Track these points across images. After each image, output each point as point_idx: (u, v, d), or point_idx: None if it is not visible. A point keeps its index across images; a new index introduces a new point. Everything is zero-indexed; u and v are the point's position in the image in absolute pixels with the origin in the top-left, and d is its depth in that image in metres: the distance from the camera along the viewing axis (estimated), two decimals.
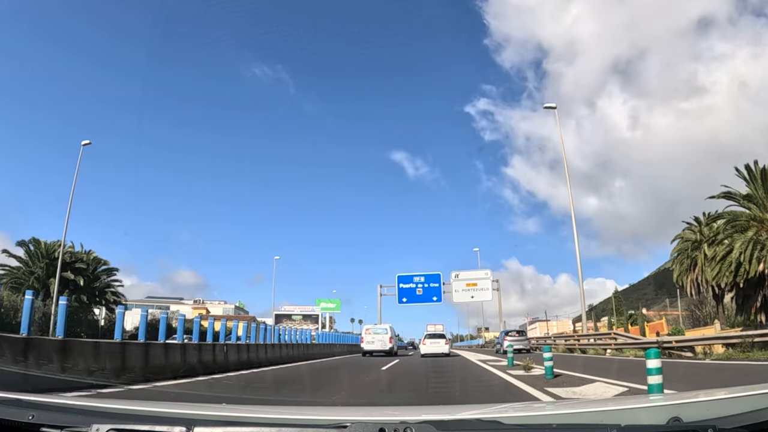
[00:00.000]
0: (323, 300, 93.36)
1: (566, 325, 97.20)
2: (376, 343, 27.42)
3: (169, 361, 12.18)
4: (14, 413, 1.69)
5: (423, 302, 52.02)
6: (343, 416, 1.65)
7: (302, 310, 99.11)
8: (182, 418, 1.71)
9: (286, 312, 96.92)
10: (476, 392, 9.00)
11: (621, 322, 65.91)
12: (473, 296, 52.02)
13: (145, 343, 12.03)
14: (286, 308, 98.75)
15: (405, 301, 51.59)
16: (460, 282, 51.65)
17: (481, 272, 52.93)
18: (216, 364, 14.26)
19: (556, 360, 11.61)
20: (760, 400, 1.47)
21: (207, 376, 12.30)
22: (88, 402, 2.03)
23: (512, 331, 32.24)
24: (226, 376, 12.72)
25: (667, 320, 53.26)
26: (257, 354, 18.28)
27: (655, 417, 1.51)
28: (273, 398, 8.68)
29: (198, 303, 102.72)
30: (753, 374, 10.26)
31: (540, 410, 2.13)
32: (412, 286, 51.72)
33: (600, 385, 8.69)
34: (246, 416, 1.85)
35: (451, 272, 52.59)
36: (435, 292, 51.48)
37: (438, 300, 51.82)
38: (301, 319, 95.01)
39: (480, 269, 54.11)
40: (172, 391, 9.02)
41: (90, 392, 7.74)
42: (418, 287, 51.47)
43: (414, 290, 51.62)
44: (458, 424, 1.68)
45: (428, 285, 51.32)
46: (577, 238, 30.19)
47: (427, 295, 51.43)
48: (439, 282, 51.64)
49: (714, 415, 1.45)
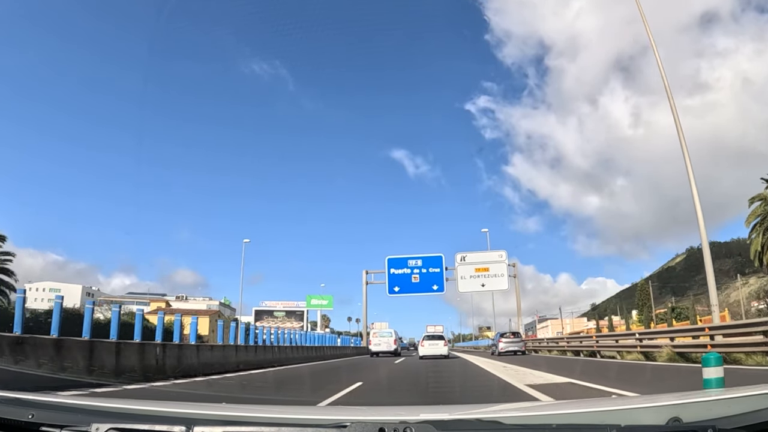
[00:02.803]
0: (314, 296, 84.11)
1: (580, 323, 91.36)
2: (382, 345, 30.80)
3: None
4: (14, 412, 1.69)
5: (420, 292, 41.51)
6: (342, 416, 1.65)
7: (285, 306, 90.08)
8: (182, 418, 1.71)
9: (267, 308, 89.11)
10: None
11: (646, 317, 60.82)
12: (484, 284, 41.13)
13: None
14: (267, 304, 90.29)
15: (397, 290, 41.25)
16: (468, 267, 41.19)
17: (494, 254, 41.83)
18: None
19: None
20: (760, 400, 1.46)
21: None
22: (88, 401, 2.03)
23: (507, 333, 31.83)
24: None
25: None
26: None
27: (655, 417, 1.51)
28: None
29: (181, 299, 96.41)
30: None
31: (540, 410, 2.13)
32: (406, 272, 41.21)
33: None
34: (246, 416, 1.85)
35: (456, 254, 41.94)
36: (435, 279, 41.08)
37: (439, 289, 41.21)
38: (284, 317, 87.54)
39: (492, 250, 42.55)
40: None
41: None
42: (414, 273, 41.04)
43: (409, 277, 41.13)
44: (458, 424, 1.68)
45: (427, 270, 41.01)
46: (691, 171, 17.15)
47: (425, 283, 41.10)
48: (440, 266, 41.16)
49: (714, 415, 1.45)
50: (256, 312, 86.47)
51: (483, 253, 42.08)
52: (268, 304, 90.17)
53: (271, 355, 19.81)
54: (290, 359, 21.64)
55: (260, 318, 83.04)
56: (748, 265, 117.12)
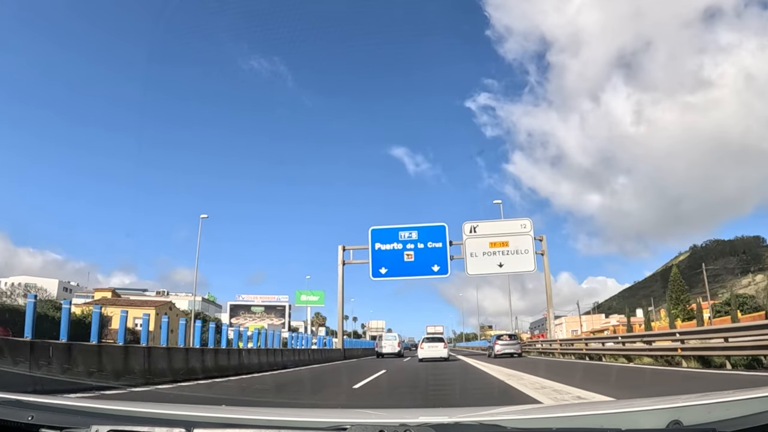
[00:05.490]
0: (303, 292, 73.13)
1: (597, 320, 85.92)
2: (387, 347, 34.50)
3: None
4: (14, 414, 1.70)
5: (416, 275, 31.26)
6: (342, 418, 1.65)
7: (264, 300, 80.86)
8: (181, 420, 1.72)
9: (244, 302, 79.94)
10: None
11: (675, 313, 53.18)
12: (502, 264, 30.41)
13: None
14: (245, 298, 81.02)
15: (384, 273, 30.83)
16: (480, 240, 30.70)
17: (514, 223, 31.46)
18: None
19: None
20: (760, 403, 1.45)
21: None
22: (87, 403, 2.04)
23: (504, 335, 31.21)
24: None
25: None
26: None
27: (656, 420, 1.50)
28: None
29: (161, 295, 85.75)
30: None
31: (541, 413, 2.12)
32: (396, 248, 30.99)
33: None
34: (245, 418, 1.85)
35: (464, 224, 31.30)
36: (437, 257, 30.79)
37: (442, 271, 30.73)
38: (263, 312, 79.34)
39: (512, 219, 32.43)
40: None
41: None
42: (407, 250, 30.90)
43: (400, 255, 30.88)
44: (458, 428, 1.67)
45: (425, 246, 30.93)
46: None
47: (422, 263, 30.75)
48: (443, 240, 31.04)
49: (714, 418, 1.44)
50: (231, 307, 78.65)
51: (500, 222, 31.85)
52: (245, 298, 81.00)
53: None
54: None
55: (236, 314, 75.45)
56: (753, 263, 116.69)
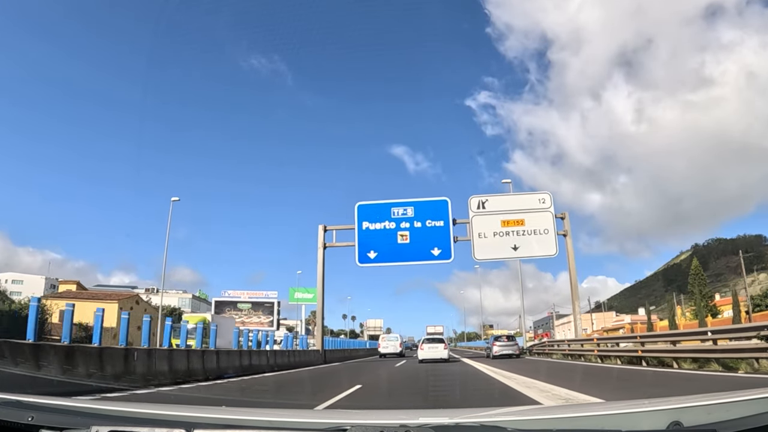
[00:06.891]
0: (298, 290, 70.41)
1: (608, 318, 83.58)
2: (389, 348, 36.22)
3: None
4: (14, 414, 1.70)
5: (412, 260, 25.44)
6: (342, 419, 1.65)
7: (251, 296, 76.92)
8: (182, 421, 1.72)
9: (230, 299, 76.09)
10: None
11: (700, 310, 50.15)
12: (517, 246, 25.16)
13: None
14: (231, 293, 76.95)
15: (373, 257, 25.33)
16: (490, 218, 25.47)
17: (531, 197, 26.33)
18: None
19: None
20: (760, 404, 1.45)
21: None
22: (87, 404, 2.04)
23: (502, 336, 31.23)
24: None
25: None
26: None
27: (656, 421, 1.50)
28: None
29: (150, 292, 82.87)
30: None
31: (541, 414, 2.12)
32: (389, 227, 25.52)
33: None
34: (245, 419, 1.85)
35: (471, 198, 26.11)
36: (437, 238, 25.32)
37: (444, 255, 25.20)
38: (250, 309, 75.68)
39: (528, 192, 28.42)
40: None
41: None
42: (401, 230, 25.47)
43: (392, 235, 25.39)
44: (459, 429, 1.66)
45: (423, 224, 25.47)
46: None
47: (420, 245, 25.26)
48: (446, 217, 25.61)
49: (714, 419, 1.44)
50: (216, 303, 75.36)
51: (514, 197, 26.76)
52: (231, 294, 76.96)
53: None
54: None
55: (221, 311, 71.74)
56: (756, 262, 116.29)
